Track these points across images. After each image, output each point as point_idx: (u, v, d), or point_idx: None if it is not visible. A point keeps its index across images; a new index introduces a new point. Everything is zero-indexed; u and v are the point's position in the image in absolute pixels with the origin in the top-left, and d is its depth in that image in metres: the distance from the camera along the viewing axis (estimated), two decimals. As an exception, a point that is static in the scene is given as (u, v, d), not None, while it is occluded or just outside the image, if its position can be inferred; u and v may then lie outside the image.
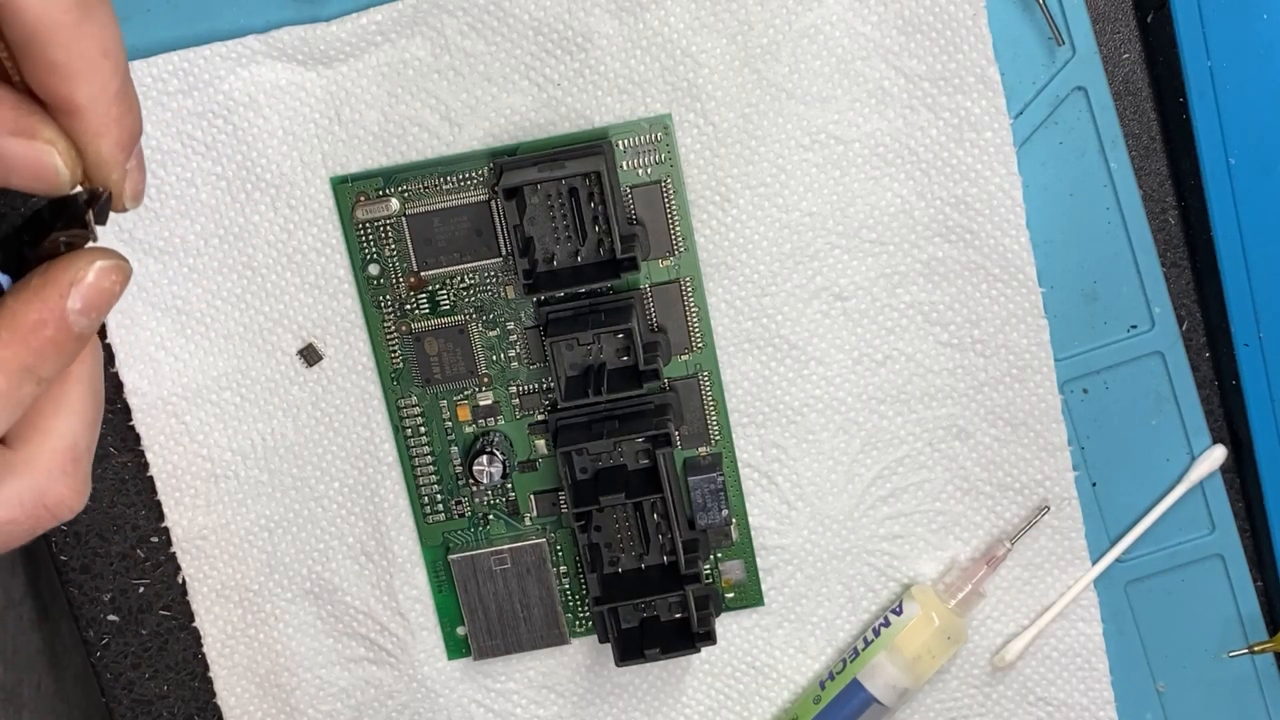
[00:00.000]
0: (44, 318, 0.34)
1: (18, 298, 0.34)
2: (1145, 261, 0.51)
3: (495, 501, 0.53)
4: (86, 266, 0.34)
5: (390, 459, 0.53)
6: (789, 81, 0.49)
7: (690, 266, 0.51)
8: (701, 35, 0.49)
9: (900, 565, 0.53)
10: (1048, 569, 0.53)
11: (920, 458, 0.52)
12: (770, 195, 0.50)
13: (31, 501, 0.35)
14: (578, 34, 0.49)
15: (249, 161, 0.50)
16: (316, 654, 0.55)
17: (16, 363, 0.33)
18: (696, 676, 0.55)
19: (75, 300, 0.34)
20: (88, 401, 0.36)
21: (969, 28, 0.48)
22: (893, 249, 0.51)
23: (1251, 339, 0.51)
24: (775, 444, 0.52)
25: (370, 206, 0.50)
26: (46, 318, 0.34)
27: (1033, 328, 0.51)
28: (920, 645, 0.52)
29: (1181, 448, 0.53)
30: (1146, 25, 0.50)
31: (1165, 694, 0.55)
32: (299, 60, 0.49)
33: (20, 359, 0.34)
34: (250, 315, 0.52)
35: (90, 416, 0.36)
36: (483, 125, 0.50)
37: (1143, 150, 0.51)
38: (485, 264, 0.51)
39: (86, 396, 0.36)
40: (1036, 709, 0.54)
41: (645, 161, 0.50)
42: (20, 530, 0.35)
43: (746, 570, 0.54)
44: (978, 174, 0.50)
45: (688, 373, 0.52)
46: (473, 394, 0.52)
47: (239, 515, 0.53)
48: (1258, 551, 0.54)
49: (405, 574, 0.54)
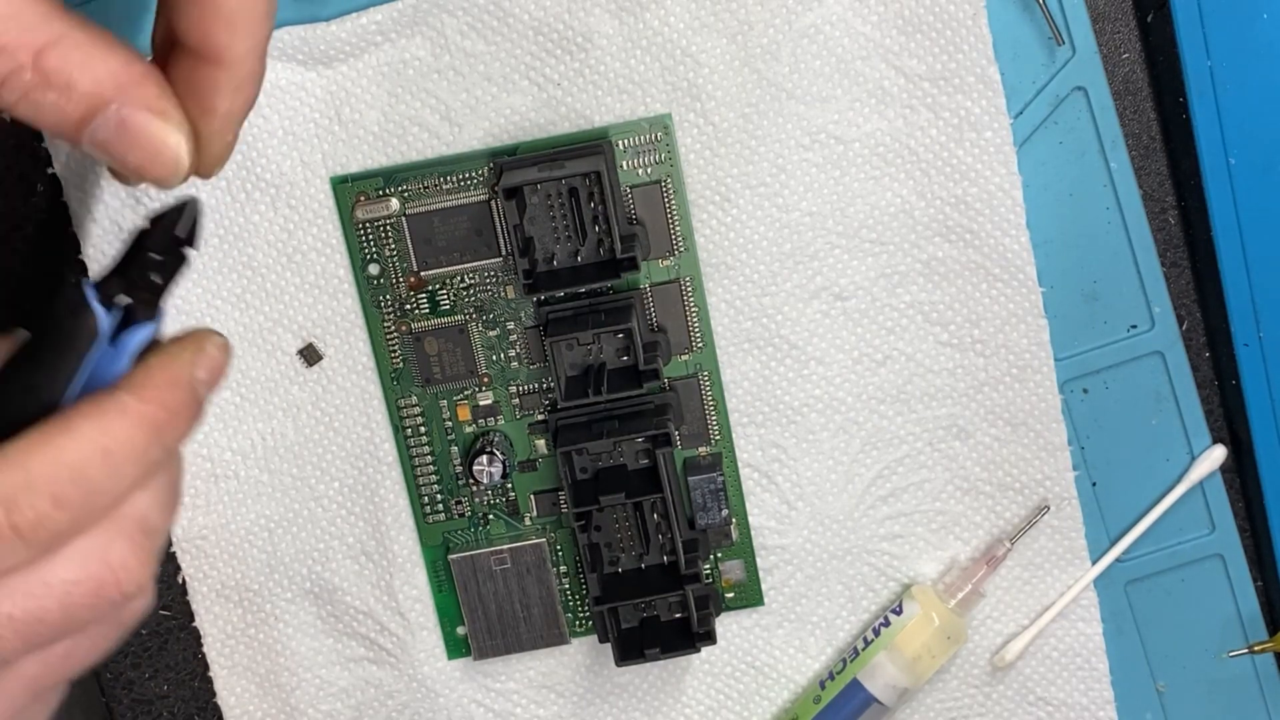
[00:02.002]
0: (177, 378, 0.35)
1: (154, 359, 0.36)
2: (1145, 261, 0.51)
3: (495, 501, 0.53)
4: (208, 340, 0.36)
5: (390, 459, 0.53)
6: (789, 81, 0.49)
7: (690, 266, 0.51)
8: (701, 35, 0.49)
9: (900, 565, 0.53)
10: (1048, 569, 0.53)
11: (920, 458, 0.52)
12: (770, 195, 0.50)
13: (95, 559, 0.35)
14: (578, 34, 0.49)
15: (249, 161, 0.50)
16: (316, 654, 0.55)
17: (151, 419, 0.35)
18: (696, 676, 0.55)
19: (202, 369, 0.36)
20: (165, 486, 0.36)
21: (969, 28, 0.49)
22: (893, 249, 0.51)
23: (1251, 339, 0.51)
24: (775, 444, 0.52)
25: (370, 206, 0.50)
26: (179, 378, 0.35)
27: (1033, 328, 0.51)
28: (920, 645, 0.52)
29: (1181, 448, 0.53)
30: (1146, 25, 0.50)
31: (1165, 694, 0.55)
32: (299, 60, 0.49)
33: (154, 416, 0.35)
34: (250, 315, 0.52)
35: (164, 500, 0.36)
36: (483, 125, 0.50)
37: (1143, 150, 0.51)
38: (485, 264, 0.51)
39: (165, 481, 0.36)
40: (1036, 709, 0.54)
41: (645, 161, 0.50)
42: (83, 594, 0.35)
43: (746, 570, 0.54)
44: (978, 174, 0.50)
45: (688, 373, 0.52)
46: (473, 394, 0.52)
47: (239, 515, 0.53)
48: (1258, 551, 0.54)
49: (405, 574, 0.54)
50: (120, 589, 0.35)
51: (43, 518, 0.33)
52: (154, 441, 0.35)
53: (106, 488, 0.34)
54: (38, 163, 0.51)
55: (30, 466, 0.33)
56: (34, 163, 0.51)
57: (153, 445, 0.35)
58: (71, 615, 0.35)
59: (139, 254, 0.36)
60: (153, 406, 0.35)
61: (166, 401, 0.35)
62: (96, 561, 0.35)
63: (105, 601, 0.35)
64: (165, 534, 0.37)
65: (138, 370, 0.35)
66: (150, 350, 0.36)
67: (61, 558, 0.34)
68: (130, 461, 0.34)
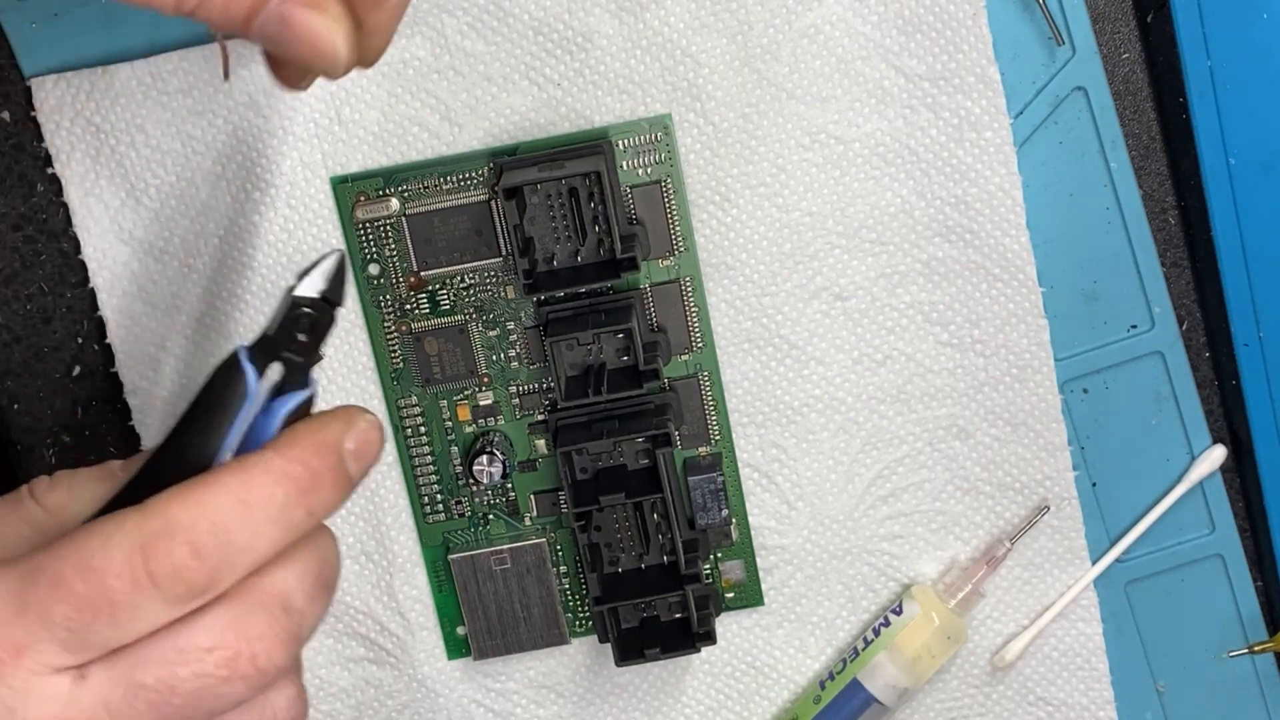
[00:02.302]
0: (323, 442, 0.35)
1: (301, 424, 0.36)
2: (1145, 261, 0.51)
3: (495, 501, 0.53)
4: (359, 416, 0.37)
5: (390, 459, 0.53)
6: (789, 81, 0.49)
7: (690, 266, 0.51)
8: (701, 35, 0.49)
9: (900, 565, 0.53)
10: (1048, 569, 0.53)
11: (920, 458, 0.52)
12: (770, 195, 0.50)
13: (230, 629, 0.34)
14: (578, 34, 0.49)
15: (249, 161, 0.50)
16: (316, 654, 0.55)
17: (292, 477, 0.35)
18: (696, 676, 0.55)
19: (350, 441, 0.36)
20: (311, 569, 0.36)
21: (969, 28, 0.48)
22: (893, 249, 0.51)
23: (1251, 339, 0.51)
24: (775, 444, 0.52)
25: (370, 206, 0.50)
26: (326, 443, 0.35)
27: (1033, 328, 0.51)
28: (920, 645, 0.52)
29: (1181, 448, 0.53)
30: (1146, 25, 0.50)
31: (1165, 694, 0.55)
32: (299, 60, 0.49)
33: (296, 475, 0.35)
34: (250, 315, 0.52)
35: (309, 585, 0.36)
36: (483, 125, 0.50)
37: (1143, 150, 0.51)
38: (485, 264, 0.51)
39: (315, 567, 0.36)
40: (1036, 709, 0.54)
41: (645, 161, 0.50)
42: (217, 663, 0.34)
43: (746, 570, 0.54)
44: (978, 174, 0.50)
45: (688, 373, 0.52)
46: (473, 394, 0.52)
47: (239, 515, 0.53)
48: (1258, 551, 0.54)
49: (405, 574, 0.54)
50: (256, 664, 0.34)
51: (180, 567, 0.33)
52: (295, 502, 0.35)
53: (244, 543, 0.34)
54: (38, 163, 0.51)
55: (170, 515, 0.33)
56: (34, 163, 0.51)
57: (293, 506, 0.35)
58: (206, 689, 0.34)
59: (288, 315, 0.37)
60: (295, 465, 0.35)
61: (310, 463, 0.35)
62: (232, 631, 0.34)
63: (240, 677, 0.34)
64: (311, 623, 0.36)
65: (284, 433, 0.36)
66: (299, 418, 0.37)
67: (197, 624, 0.34)
68: (270, 520, 0.34)
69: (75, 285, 0.52)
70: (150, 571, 0.33)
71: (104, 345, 0.52)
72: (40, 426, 0.53)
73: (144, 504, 0.34)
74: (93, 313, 0.52)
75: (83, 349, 0.53)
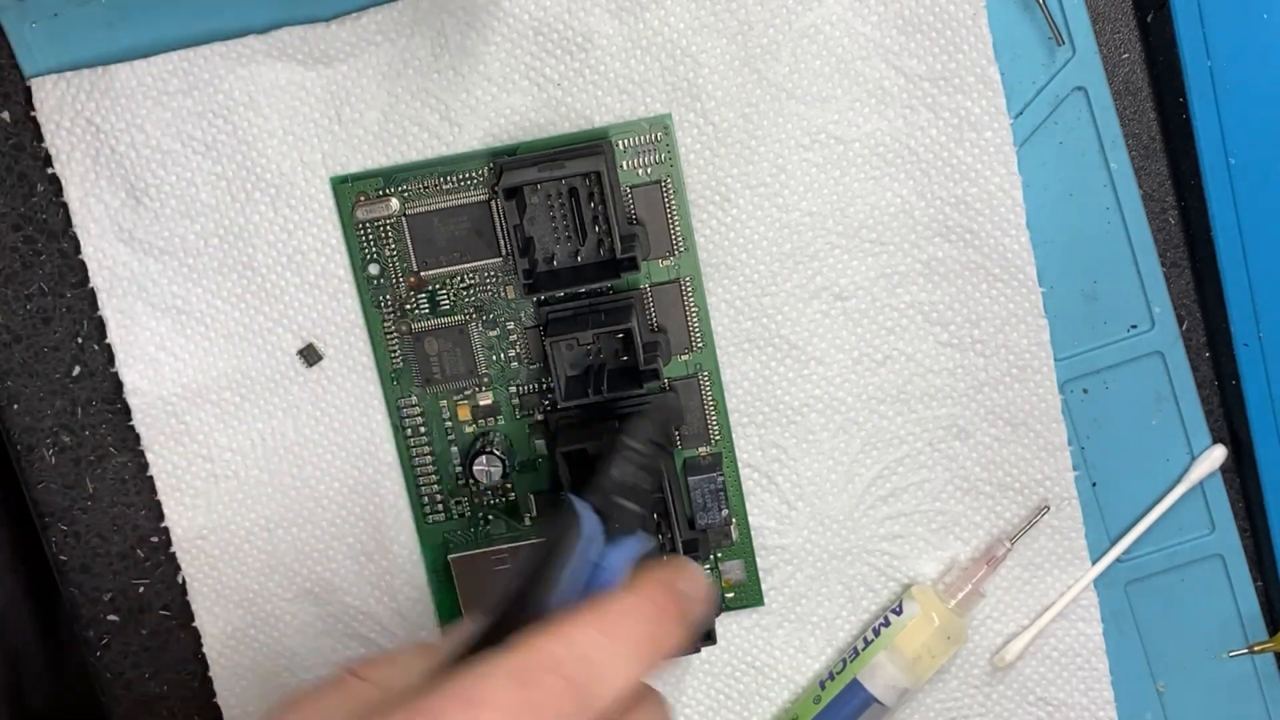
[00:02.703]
0: (665, 580, 0.39)
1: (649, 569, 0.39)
2: (1145, 261, 0.51)
3: (495, 501, 0.53)
4: (686, 562, 0.41)
5: (390, 459, 0.53)
6: (789, 81, 0.49)
7: (690, 266, 0.51)
8: (701, 35, 0.49)
9: (900, 565, 0.53)
10: (1048, 569, 0.53)
11: (920, 458, 0.52)
12: (770, 195, 0.50)
13: None
14: (578, 34, 0.49)
15: (249, 161, 0.50)
16: (316, 654, 0.55)
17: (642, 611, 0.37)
18: (696, 676, 0.55)
19: (682, 582, 0.39)
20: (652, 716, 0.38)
21: (969, 28, 0.49)
22: (893, 249, 0.51)
23: (1251, 339, 0.51)
24: (775, 444, 0.52)
25: (370, 206, 0.50)
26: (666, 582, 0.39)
27: (1033, 328, 0.51)
28: (920, 645, 0.52)
29: (1181, 448, 0.53)
30: (1146, 25, 0.50)
31: (1165, 694, 0.55)
32: (299, 60, 0.49)
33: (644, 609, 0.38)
34: (250, 315, 0.52)
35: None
36: (483, 125, 0.50)
37: (1143, 150, 0.51)
38: (485, 264, 0.51)
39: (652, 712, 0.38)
40: (1036, 709, 0.54)
41: (645, 161, 0.50)
42: None
43: (746, 570, 0.54)
44: (978, 174, 0.50)
45: (688, 372, 0.52)
46: (473, 394, 0.52)
47: (239, 515, 0.53)
48: (1258, 551, 0.54)
49: (405, 574, 0.54)
50: None
51: (556, 695, 0.34)
52: (647, 636, 0.37)
53: (609, 674, 0.36)
54: (38, 163, 0.51)
55: (540, 647, 0.35)
56: (34, 163, 0.51)
57: (647, 640, 0.37)
58: None
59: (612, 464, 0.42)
60: (645, 603, 0.37)
61: (655, 598, 0.38)
62: None
63: None
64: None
65: (629, 577, 0.39)
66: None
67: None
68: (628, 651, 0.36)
69: (75, 285, 0.52)
70: (527, 700, 0.34)
71: (104, 345, 0.52)
72: (40, 426, 0.53)
73: (510, 642, 0.35)
74: (93, 313, 0.52)
75: (83, 349, 0.53)
